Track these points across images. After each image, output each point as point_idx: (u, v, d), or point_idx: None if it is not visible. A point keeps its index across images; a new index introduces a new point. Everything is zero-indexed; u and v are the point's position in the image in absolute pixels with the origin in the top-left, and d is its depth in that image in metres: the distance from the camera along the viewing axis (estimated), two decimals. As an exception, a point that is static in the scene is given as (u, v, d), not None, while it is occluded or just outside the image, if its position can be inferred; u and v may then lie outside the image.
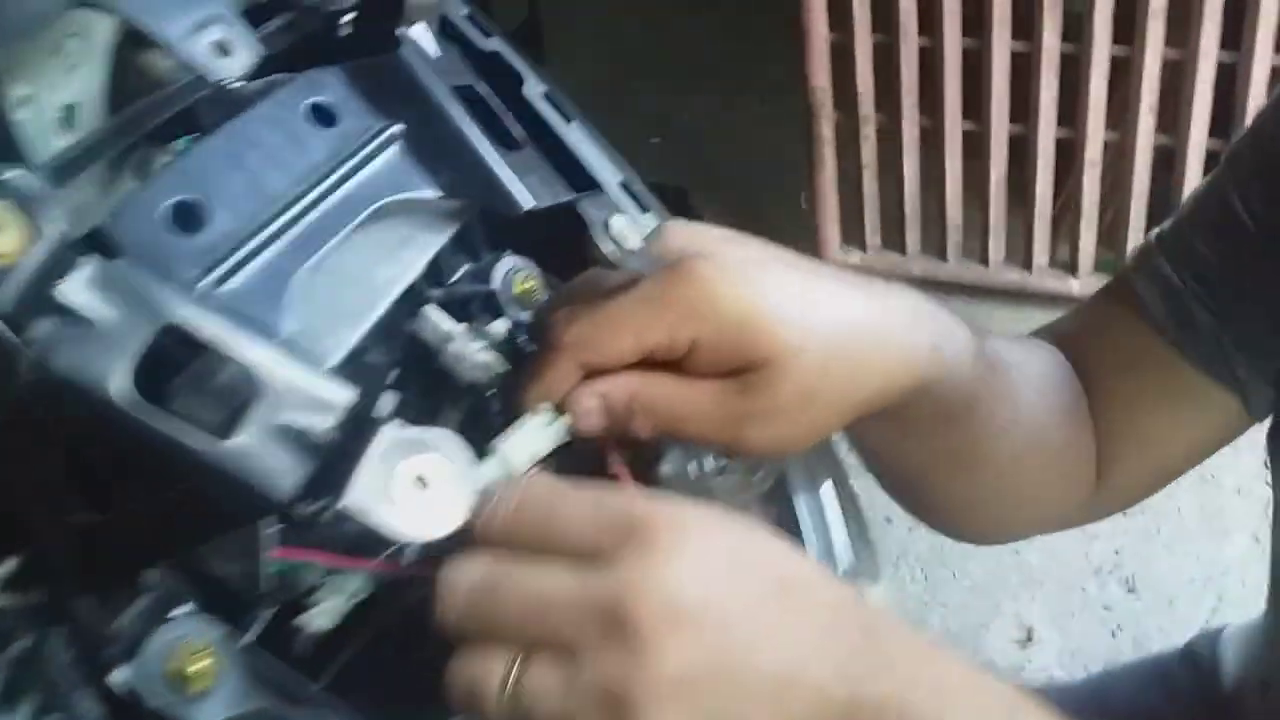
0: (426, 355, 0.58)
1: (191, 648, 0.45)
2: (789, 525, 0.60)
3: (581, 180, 0.63)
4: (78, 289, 0.38)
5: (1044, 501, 0.77)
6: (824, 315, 0.54)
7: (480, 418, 0.59)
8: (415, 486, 0.43)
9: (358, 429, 0.41)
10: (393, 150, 0.51)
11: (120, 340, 0.38)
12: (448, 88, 0.52)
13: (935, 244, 2.40)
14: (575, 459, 0.55)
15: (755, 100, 2.87)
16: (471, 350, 0.58)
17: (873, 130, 2.32)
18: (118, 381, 0.38)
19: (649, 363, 0.52)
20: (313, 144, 0.48)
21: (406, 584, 0.49)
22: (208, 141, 0.46)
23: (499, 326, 0.60)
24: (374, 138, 0.50)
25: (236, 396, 0.41)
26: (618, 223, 0.52)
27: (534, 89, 0.64)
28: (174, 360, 0.40)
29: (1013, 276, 2.35)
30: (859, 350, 0.55)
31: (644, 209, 0.64)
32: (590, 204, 0.53)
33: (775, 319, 0.52)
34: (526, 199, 0.51)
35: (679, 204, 2.72)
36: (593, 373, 0.53)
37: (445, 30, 0.64)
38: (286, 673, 0.47)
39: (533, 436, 0.52)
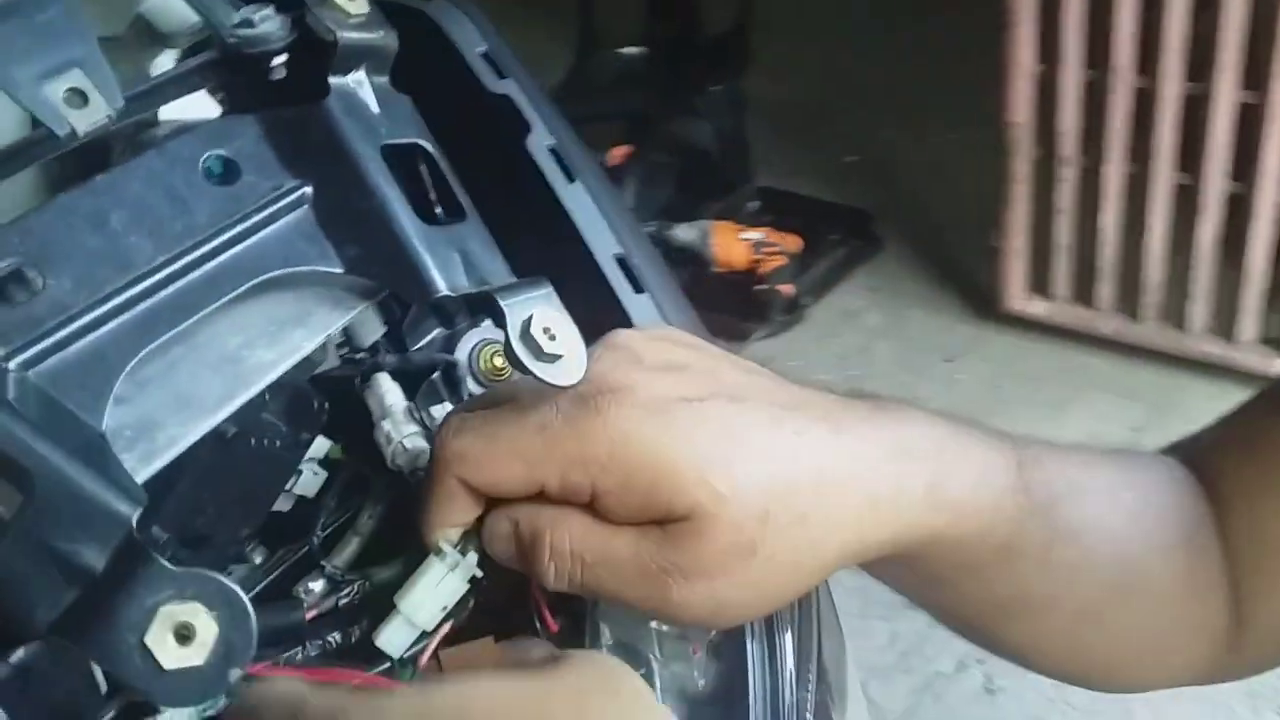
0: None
1: None
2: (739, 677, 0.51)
3: (567, 248, 0.56)
4: None
5: (1158, 650, 0.64)
6: (762, 462, 0.45)
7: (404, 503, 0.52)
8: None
9: (133, 555, 0.35)
10: (297, 215, 0.44)
11: None
12: (374, 148, 0.45)
13: (1129, 302, 2.19)
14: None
15: (954, 130, 2.70)
16: (403, 433, 0.51)
17: (1073, 173, 2.13)
18: None
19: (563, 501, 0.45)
20: (199, 203, 0.43)
21: None
22: (61, 199, 0.40)
23: (444, 410, 0.53)
24: (278, 199, 0.44)
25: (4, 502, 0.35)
26: (539, 323, 0.44)
27: (540, 140, 0.57)
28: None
29: (1214, 348, 2.12)
30: (811, 501, 0.46)
31: (637, 289, 0.56)
32: (515, 295, 0.45)
33: (692, 470, 0.43)
34: (437, 285, 0.44)
35: (860, 226, 2.61)
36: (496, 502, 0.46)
37: (450, 66, 0.58)
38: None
39: (434, 587, 0.46)
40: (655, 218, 2.54)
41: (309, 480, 0.53)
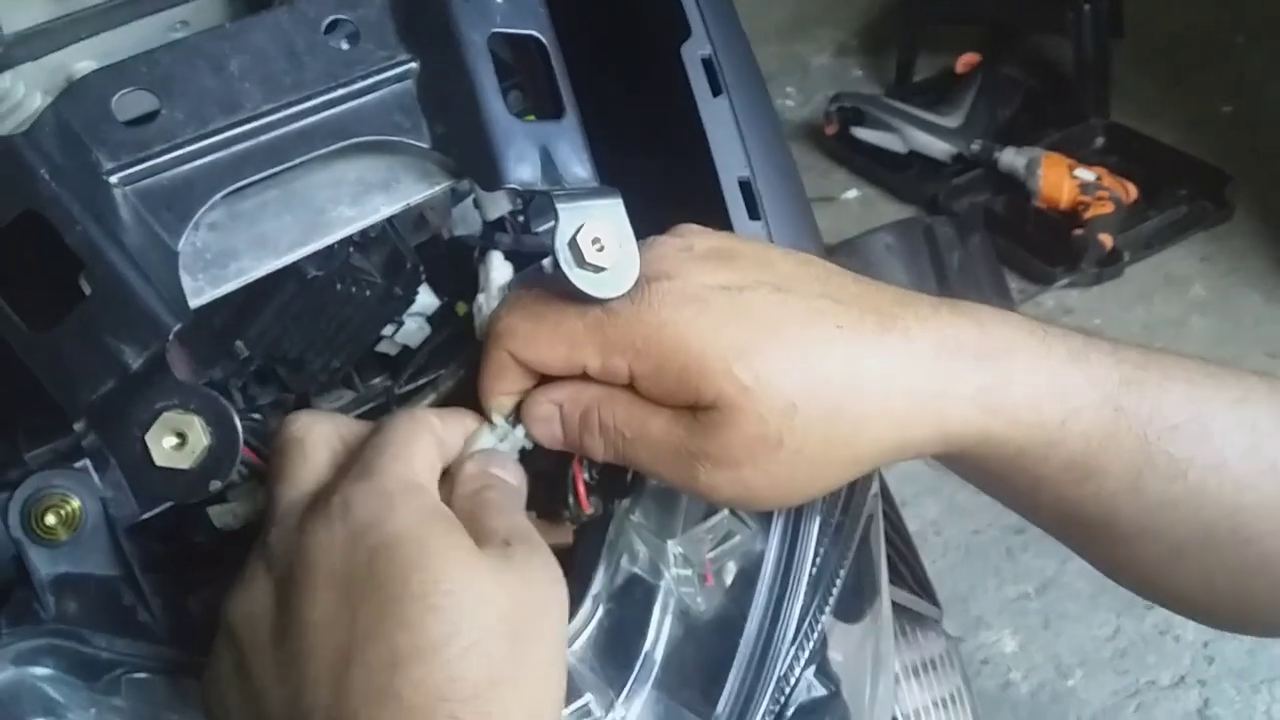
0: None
1: (57, 501, 0.49)
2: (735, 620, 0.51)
3: (695, 164, 0.56)
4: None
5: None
6: (793, 355, 0.45)
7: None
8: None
9: (159, 363, 0.41)
10: (400, 87, 0.48)
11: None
12: (483, 35, 0.47)
13: None
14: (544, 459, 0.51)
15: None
16: (490, 307, 0.54)
17: None
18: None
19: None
20: (313, 61, 0.46)
21: None
22: (190, 39, 0.45)
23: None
24: (385, 69, 0.47)
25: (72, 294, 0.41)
26: (590, 232, 0.45)
27: (696, 49, 0.57)
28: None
29: None
30: (844, 396, 0.46)
31: (754, 215, 0.56)
32: (576, 201, 0.46)
33: (720, 359, 0.45)
34: (506, 175, 0.46)
35: (1211, 187, 2.37)
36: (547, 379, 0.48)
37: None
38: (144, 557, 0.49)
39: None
40: (989, 135, 2.41)
41: (412, 332, 0.58)
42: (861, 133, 2.51)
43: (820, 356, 0.46)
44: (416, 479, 0.44)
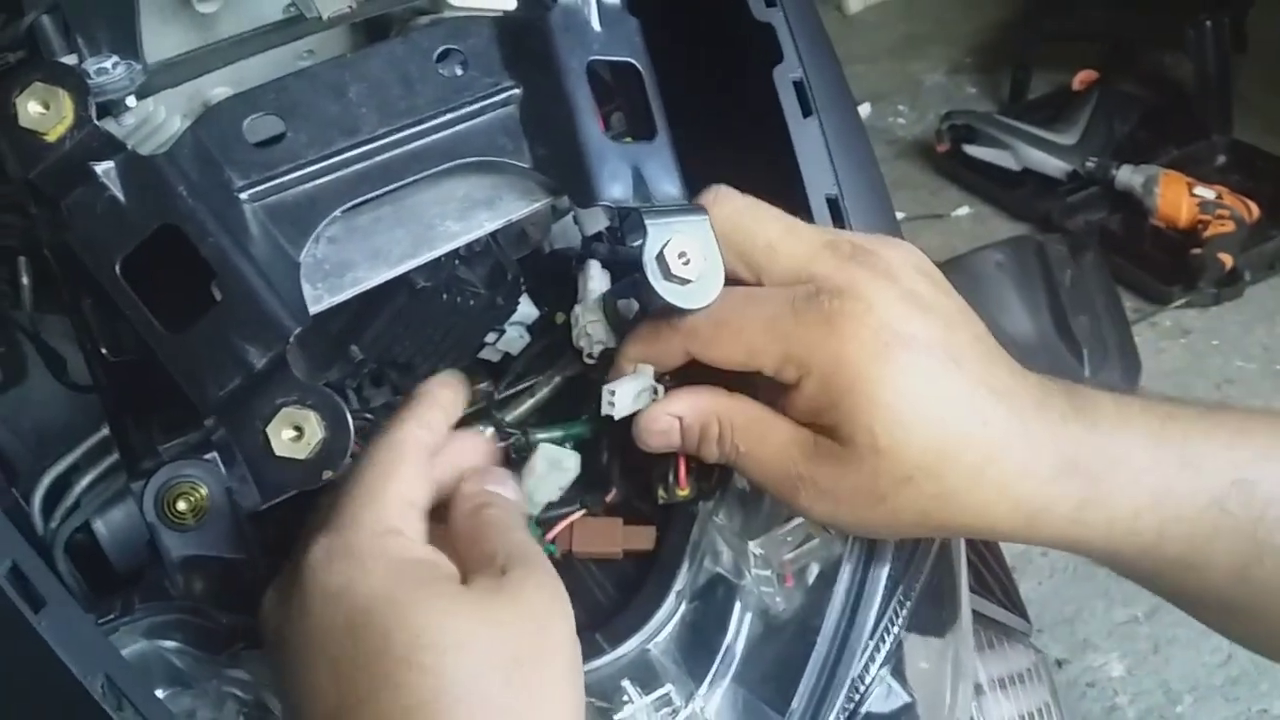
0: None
1: (187, 489, 0.53)
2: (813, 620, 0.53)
3: (785, 183, 0.59)
4: (110, 171, 0.45)
5: None
6: (935, 434, 0.47)
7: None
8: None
9: (281, 362, 0.45)
10: (504, 112, 0.51)
11: (125, 226, 0.45)
12: (581, 62, 0.50)
13: None
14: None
15: None
16: (587, 319, 0.57)
17: None
18: (109, 258, 0.45)
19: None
20: (425, 88, 0.50)
21: None
22: (313, 68, 0.50)
23: (631, 305, 0.59)
24: (491, 95, 0.51)
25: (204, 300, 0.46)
26: (676, 246, 0.48)
27: (788, 72, 0.60)
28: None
29: None
30: (958, 486, 0.48)
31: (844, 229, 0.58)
32: (665, 217, 0.49)
33: (870, 410, 0.47)
34: (599, 193, 0.49)
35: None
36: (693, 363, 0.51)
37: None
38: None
39: (635, 394, 0.52)
40: (1105, 152, 2.36)
41: (513, 340, 0.61)
42: (974, 150, 2.49)
43: (956, 446, 0.47)
44: (387, 525, 0.44)
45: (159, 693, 0.50)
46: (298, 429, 0.44)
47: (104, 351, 0.50)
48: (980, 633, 0.74)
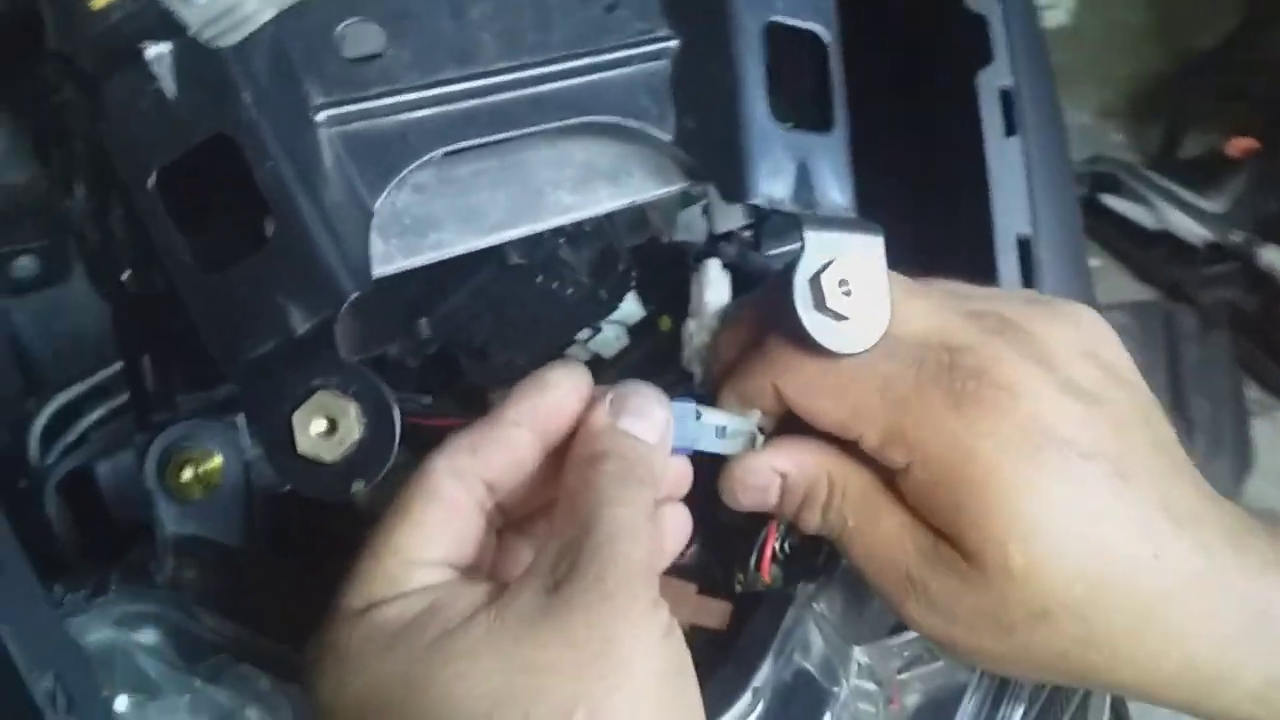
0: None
1: (198, 455, 0.44)
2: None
3: (970, 209, 0.48)
4: (163, 57, 0.36)
5: None
6: (1086, 564, 0.37)
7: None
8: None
9: (326, 333, 0.35)
10: (653, 66, 0.41)
11: (170, 128, 0.36)
12: (759, 21, 0.40)
13: None
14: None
15: None
16: (702, 339, 0.47)
17: None
18: (146, 164, 0.36)
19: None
20: (563, 21, 0.40)
21: None
22: (433, -26, 0.40)
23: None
24: (641, 44, 0.41)
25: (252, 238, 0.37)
26: (837, 272, 0.37)
27: (994, 77, 0.49)
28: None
29: None
30: (1109, 634, 0.37)
31: (1027, 281, 0.47)
32: (830, 231, 0.38)
33: (1004, 524, 0.37)
34: (753, 189, 0.39)
35: None
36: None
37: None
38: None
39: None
40: (1253, 228, 2.20)
41: (609, 341, 0.52)
42: (1111, 200, 2.34)
43: (1114, 580, 0.37)
44: (369, 598, 0.35)
45: (121, 701, 0.41)
46: (331, 422, 0.34)
47: (124, 278, 0.41)
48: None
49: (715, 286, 0.48)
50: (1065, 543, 0.36)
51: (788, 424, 0.41)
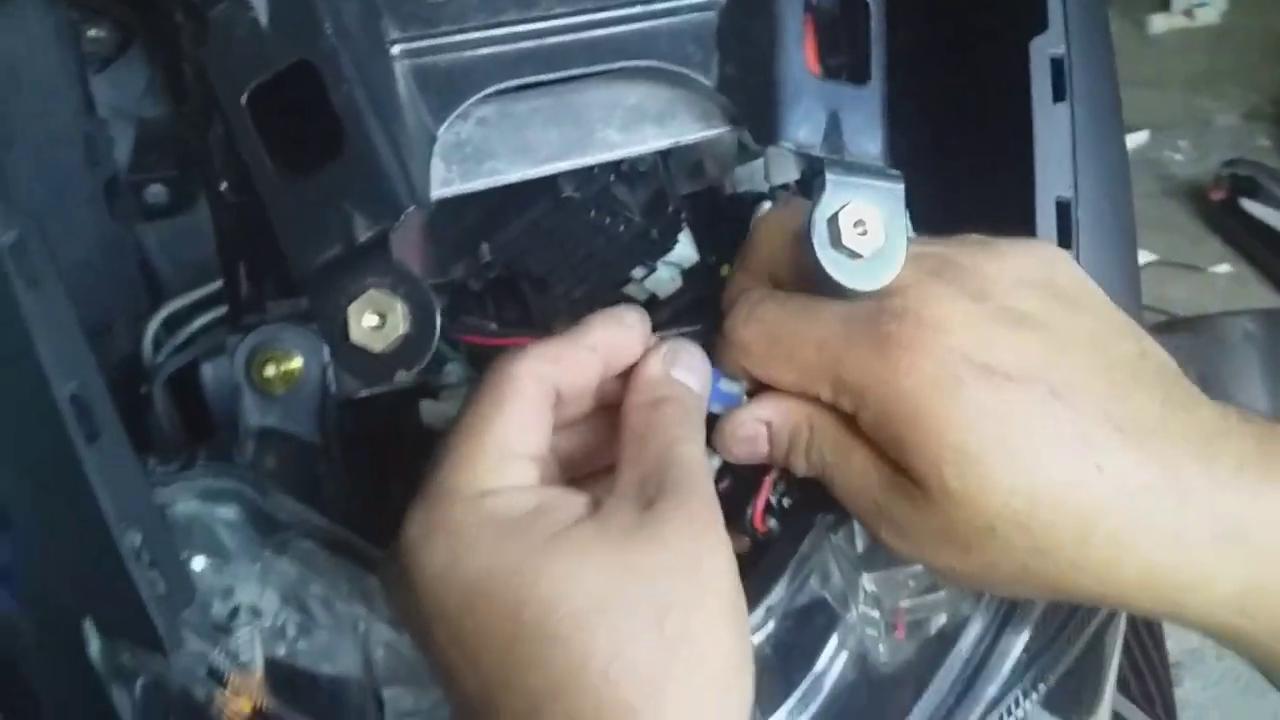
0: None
1: (280, 355, 0.50)
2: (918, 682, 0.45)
3: (1013, 172, 0.50)
4: (261, -9, 0.41)
5: None
6: (1024, 482, 0.38)
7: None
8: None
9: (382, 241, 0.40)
10: (700, 17, 0.44)
11: (262, 52, 0.41)
12: (804, -22, 0.43)
13: None
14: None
15: None
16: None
17: None
18: (239, 84, 0.41)
19: None
20: (620, -29, 0.44)
21: None
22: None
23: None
24: (692, -8, 0.44)
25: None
26: (854, 213, 0.40)
27: (1048, 45, 0.51)
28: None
29: None
30: (1064, 543, 0.39)
31: (1064, 244, 0.49)
32: (851, 176, 0.41)
33: (938, 452, 0.39)
34: (782, 132, 0.42)
35: None
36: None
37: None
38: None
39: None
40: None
41: (664, 281, 0.55)
42: (1252, 206, 2.26)
43: (1051, 495, 0.38)
44: (481, 487, 0.38)
45: (199, 561, 0.46)
46: (380, 316, 0.39)
47: (222, 189, 0.46)
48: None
49: (764, 230, 0.51)
50: (995, 463, 0.38)
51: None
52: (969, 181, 0.51)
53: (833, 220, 0.40)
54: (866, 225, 0.40)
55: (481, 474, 0.38)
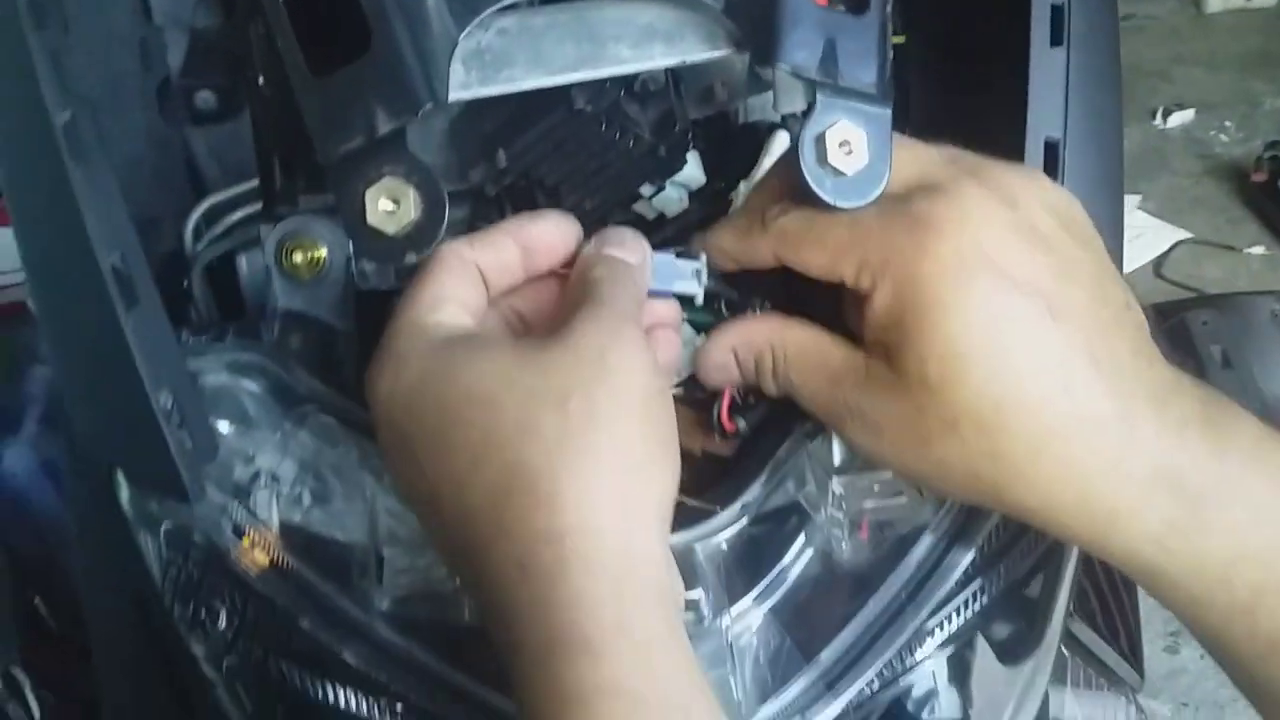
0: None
1: (307, 244, 0.53)
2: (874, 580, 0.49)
3: (1005, 110, 0.53)
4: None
5: None
6: (998, 387, 0.42)
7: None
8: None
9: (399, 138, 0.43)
10: (710, -58, 0.47)
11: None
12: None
13: None
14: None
15: None
16: (744, 194, 0.54)
17: None
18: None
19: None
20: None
21: None
22: None
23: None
24: (701, -80, 0.47)
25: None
26: (840, 133, 0.43)
27: (1050, -6, 0.53)
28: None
29: None
30: (1016, 452, 0.42)
31: (1057, 178, 0.52)
32: (841, 100, 0.44)
33: (935, 343, 0.42)
34: (779, 53, 0.45)
35: None
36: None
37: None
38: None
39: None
40: None
41: (671, 200, 0.58)
42: (1292, 189, 2.25)
43: (1017, 403, 0.41)
44: (418, 321, 0.42)
45: (224, 425, 0.51)
46: (395, 202, 0.42)
47: (260, 82, 0.50)
48: (1081, 669, 0.67)
49: (778, 154, 0.54)
50: (978, 361, 0.41)
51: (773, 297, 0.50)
52: (965, 118, 0.54)
53: (820, 139, 0.43)
54: (852, 146, 0.43)
55: (419, 311, 0.43)
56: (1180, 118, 2.63)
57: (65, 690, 1.35)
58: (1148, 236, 2.33)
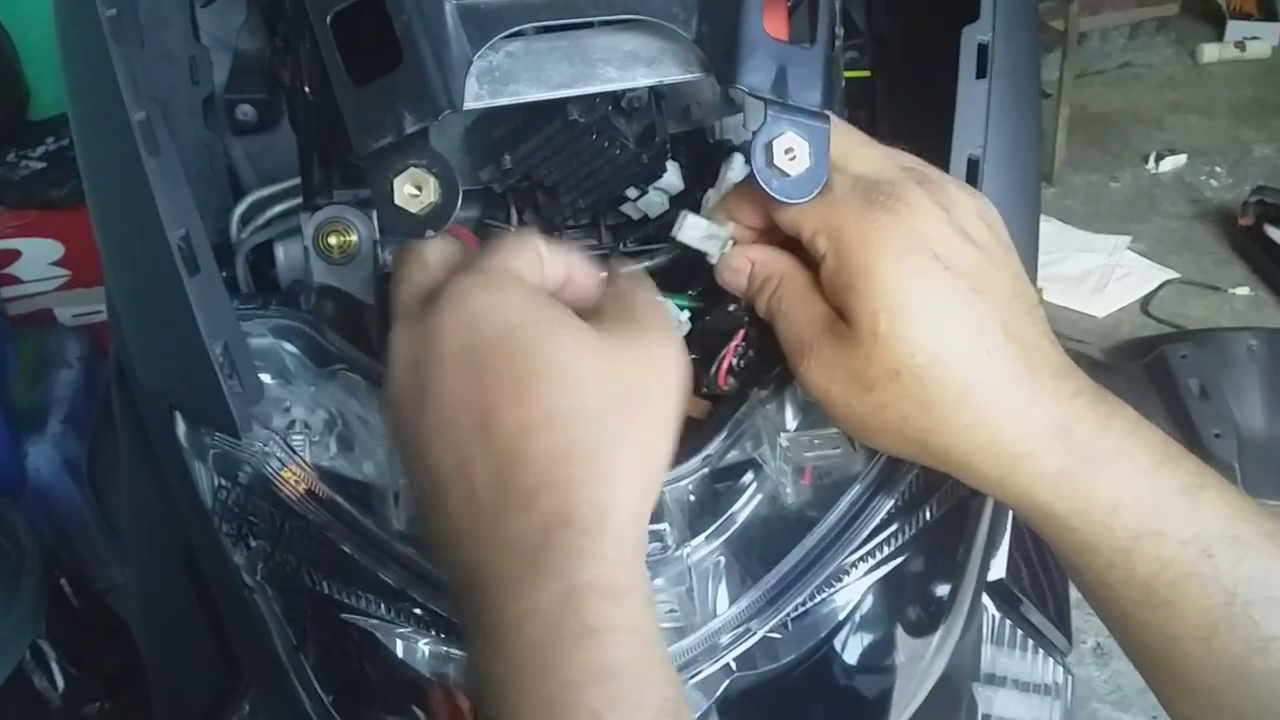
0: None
1: (341, 229, 0.63)
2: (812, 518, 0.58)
3: (937, 134, 0.62)
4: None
5: None
6: (933, 340, 0.50)
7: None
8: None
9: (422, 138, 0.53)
10: (689, -17, 0.57)
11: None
12: (767, -43, 0.55)
13: None
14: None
15: None
16: (701, 214, 0.62)
17: None
18: (326, 8, 0.54)
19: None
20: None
21: None
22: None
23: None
24: (682, -35, 0.56)
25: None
26: (786, 142, 0.52)
27: (975, 33, 0.63)
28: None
29: None
30: (937, 402, 0.51)
31: (979, 188, 0.61)
32: (788, 114, 0.53)
33: (880, 300, 0.51)
34: (736, 76, 0.54)
35: None
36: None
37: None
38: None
39: (705, 226, 0.59)
40: None
41: (653, 202, 0.67)
42: (1276, 233, 2.33)
43: (949, 358, 0.50)
44: (519, 271, 0.50)
45: (267, 377, 0.60)
46: (418, 188, 0.52)
47: (306, 90, 0.60)
48: (1009, 629, 0.75)
49: (737, 171, 0.63)
50: (918, 321, 0.50)
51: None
52: (916, 135, 0.62)
53: (769, 146, 0.53)
54: (796, 153, 0.53)
55: (521, 268, 0.50)
56: (1172, 162, 2.72)
57: (87, 665, 1.44)
58: (1136, 276, 2.42)
